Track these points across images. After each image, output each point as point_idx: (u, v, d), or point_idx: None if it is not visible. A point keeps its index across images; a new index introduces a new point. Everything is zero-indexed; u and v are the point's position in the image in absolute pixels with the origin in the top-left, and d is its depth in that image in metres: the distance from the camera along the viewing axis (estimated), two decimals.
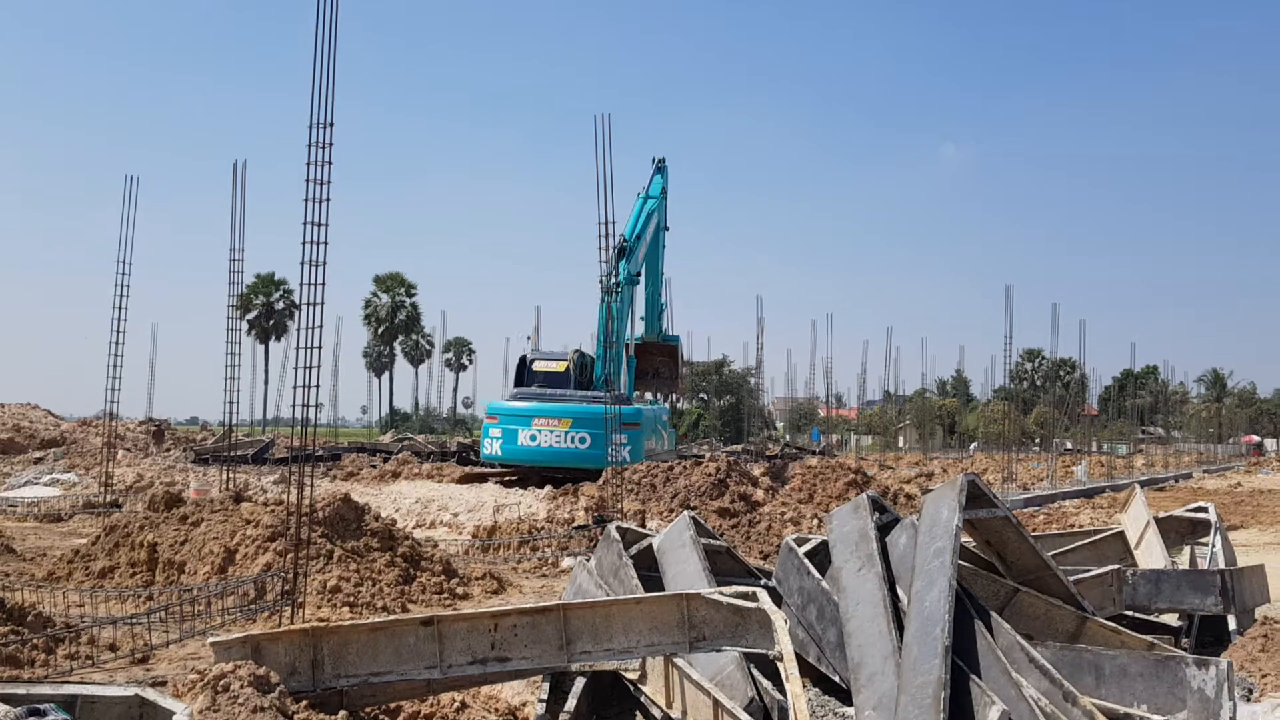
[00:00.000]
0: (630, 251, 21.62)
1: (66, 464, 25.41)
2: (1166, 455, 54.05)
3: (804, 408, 76.87)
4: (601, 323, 21.39)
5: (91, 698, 3.12)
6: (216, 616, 8.52)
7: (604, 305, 21.35)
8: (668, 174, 24.26)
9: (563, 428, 19.16)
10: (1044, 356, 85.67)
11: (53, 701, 2.89)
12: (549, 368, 21.31)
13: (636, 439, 19.19)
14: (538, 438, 19.28)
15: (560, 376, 20.92)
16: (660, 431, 21.45)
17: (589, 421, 19.16)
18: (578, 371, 21.05)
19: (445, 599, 9.75)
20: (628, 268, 21.51)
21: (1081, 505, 23.23)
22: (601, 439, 18.80)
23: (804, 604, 6.92)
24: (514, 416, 19.83)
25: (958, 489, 6.27)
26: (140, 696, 3.19)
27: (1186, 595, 7.55)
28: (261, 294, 76.04)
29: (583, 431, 19.13)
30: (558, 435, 19.15)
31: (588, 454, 19.07)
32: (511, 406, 20.63)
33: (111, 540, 10.70)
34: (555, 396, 20.20)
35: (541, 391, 20.55)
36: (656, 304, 24.08)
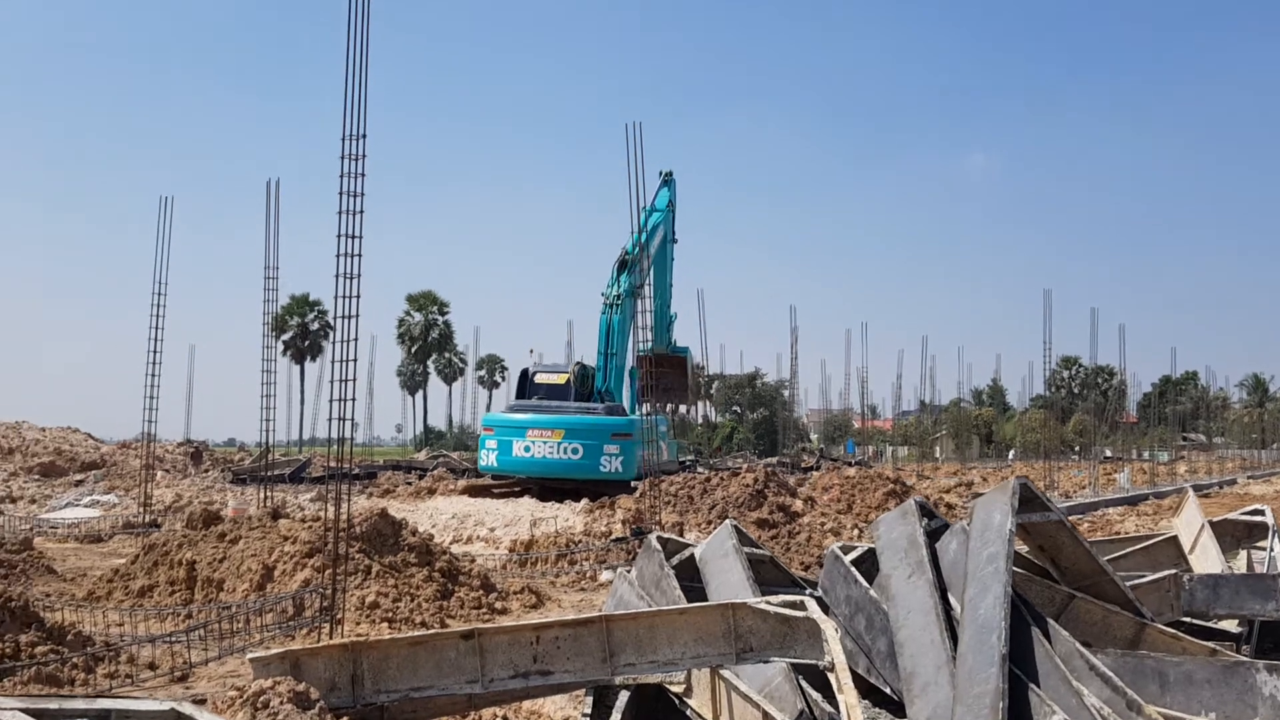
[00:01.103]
0: (632, 264, 21.76)
1: (106, 486, 25.62)
2: (1209, 462, 53.18)
3: (838, 419, 76.40)
4: (602, 335, 21.55)
5: (126, 712, 3.04)
6: (255, 633, 8.47)
7: (604, 318, 21.43)
8: (675, 187, 24.28)
9: (556, 438, 19.34)
10: (1081, 364, 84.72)
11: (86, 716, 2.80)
12: (550, 380, 21.52)
13: (629, 449, 19.35)
14: (532, 448, 19.45)
15: (561, 389, 21.11)
16: (658, 442, 21.50)
17: (581, 432, 19.37)
18: (578, 383, 21.20)
19: (484, 614, 9.65)
20: (629, 280, 21.65)
21: (1126, 513, 22.82)
22: (594, 449, 19.09)
23: (851, 613, 6.75)
24: (509, 428, 20.05)
25: (1010, 492, 6.10)
26: (176, 711, 3.10)
27: (1246, 600, 7.30)
28: (296, 315, 76.63)
29: (575, 442, 19.29)
30: (551, 446, 19.32)
31: (580, 464, 19.28)
32: (507, 418, 20.87)
33: (150, 559, 10.70)
34: (549, 408, 20.43)
35: (536, 404, 20.78)
36: (665, 316, 24.06)
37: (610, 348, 21.44)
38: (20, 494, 23.76)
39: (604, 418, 19.67)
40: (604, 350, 21.55)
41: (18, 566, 11.83)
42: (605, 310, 21.61)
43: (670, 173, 24.09)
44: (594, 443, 19.14)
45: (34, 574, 11.77)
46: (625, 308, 21.50)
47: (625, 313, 21.53)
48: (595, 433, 19.28)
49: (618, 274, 21.69)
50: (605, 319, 21.61)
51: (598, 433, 19.28)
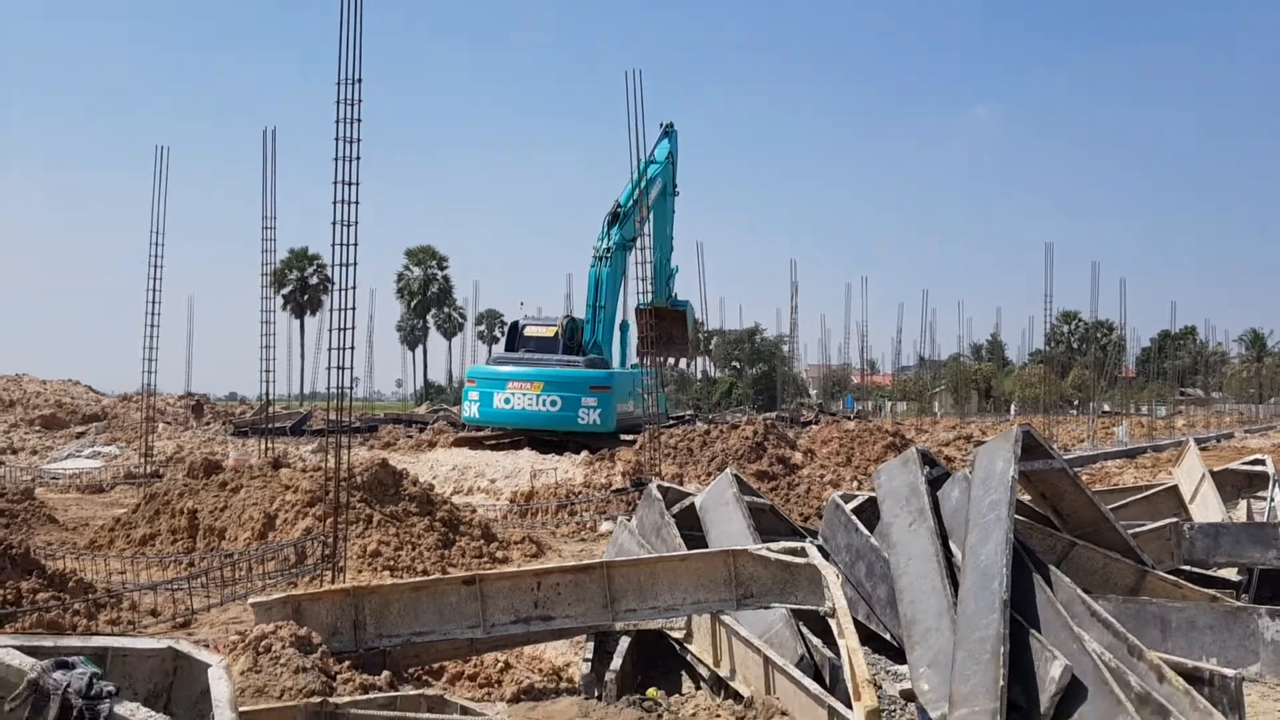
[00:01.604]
0: (624, 217, 21.73)
1: (108, 438, 25.64)
2: (1207, 416, 53.28)
3: (838, 374, 76.38)
4: (591, 288, 21.59)
5: (123, 650, 3.02)
6: (257, 581, 8.49)
7: (593, 271, 21.38)
8: (676, 139, 24.04)
9: (535, 391, 19.50)
10: (1080, 319, 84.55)
11: (82, 654, 2.78)
12: (539, 333, 21.59)
13: (607, 402, 19.50)
14: (512, 400, 19.61)
15: (550, 341, 21.18)
16: (641, 395, 21.55)
17: (560, 385, 19.52)
18: (567, 337, 21.25)
19: (485, 563, 9.67)
20: (620, 233, 21.64)
21: (1124, 465, 22.88)
22: (573, 402, 19.24)
23: (852, 561, 6.76)
24: (491, 380, 20.20)
25: (1013, 440, 6.07)
26: (174, 649, 3.08)
27: (1246, 548, 7.32)
28: (295, 268, 76.28)
29: (554, 395, 19.44)
30: (530, 398, 19.48)
31: (559, 416, 19.44)
32: (489, 370, 21.05)
33: (152, 508, 10.71)
34: (530, 361, 20.57)
35: (518, 356, 20.90)
36: (665, 269, 23.94)
37: (599, 301, 21.47)
38: (21, 445, 23.78)
39: (582, 370, 19.78)
40: (592, 303, 21.61)
41: (19, 516, 11.83)
42: (595, 263, 21.61)
43: (671, 124, 23.85)
44: (572, 395, 19.33)
45: (36, 523, 11.78)
46: (615, 261, 21.48)
47: (615, 266, 21.52)
48: (573, 385, 19.44)
49: (609, 227, 21.66)
50: (594, 272, 21.62)
51: (576, 385, 19.43)
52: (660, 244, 23.61)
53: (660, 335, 24.04)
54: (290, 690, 4.70)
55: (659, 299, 23.90)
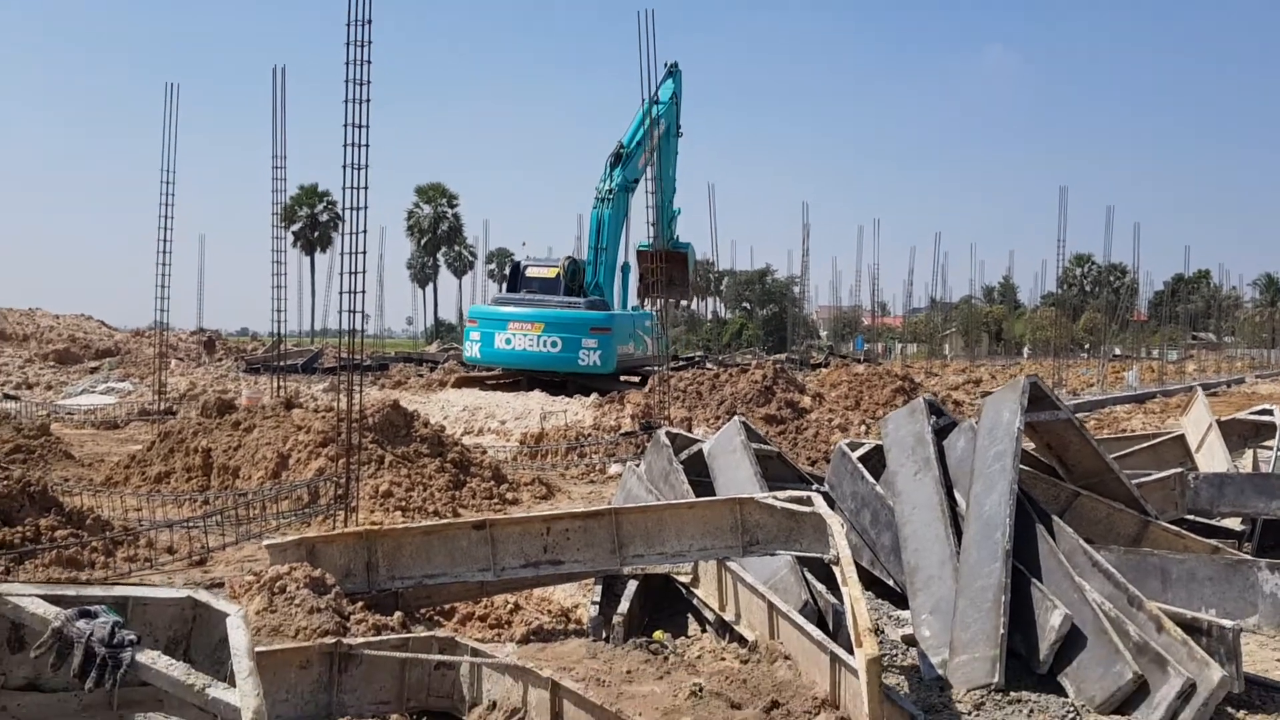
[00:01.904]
0: (628, 158, 21.68)
1: (121, 373, 25.84)
2: (1218, 361, 53.14)
3: (848, 316, 76.19)
4: (593, 230, 21.61)
5: (143, 599, 3.09)
6: (271, 520, 8.62)
7: (596, 212, 21.34)
8: (680, 79, 23.82)
9: (536, 331, 19.57)
10: (1093, 262, 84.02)
11: (104, 603, 2.86)
12: (541, 274, 21.55)
13: (607, 343, 19.57)
14: (513, 341, 19.69)
15: (551, 282, 21.19)
16: (641, 337, 21.59)
17: (560, 326, 19.58)
18: (568, 278, 21.26)
19: (495, 504, 9.79)
20: (623, 174, 21.59)
21: (1133, 410, 22.92)
22: (573, 343, 19.27)
23: (858, 509, 6.84)
24: (492, 320, 20.25)
25: (1019, 390, 6.11)
26: (193, 598, 3.16)
27: (1251, 499, 7.37)
28: (305, 205, 76.05)
29: (554, 335, 19.48)
30: (531, 339, 19.56)
31: (559, 357, 19.51)
32: (491, 310, 21.08)
33: (166, 446, 10.84)
34: (532, 302, 20.61)
35: (519, 297, 20.93)
36: (667, 211, 23.81)
37: (601, 242, 21.50)
38: (36, 380, 23.99)
39: (583, 312, 19.87)
40: (594, 245, 21.65)
41: (36, 451, 11.99)
42: (597, 205, 21.59)
43: (675, 64, 23.62)
44: (573, 336, 19.39)
45: (52, 459, 11.95)
46: (617, 202, 21.46)
47: (617, 207, 21.51)
48: (574, 326, 19.53)
49: (611, 168, 21.61)
50: (596, 214, 21.62)
51: (576, 326, 19.53)
52: (663, 186, 23.53)
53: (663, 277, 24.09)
54: (305, 630, 4.81)
55: (662, 241, 23.92)
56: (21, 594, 2.80)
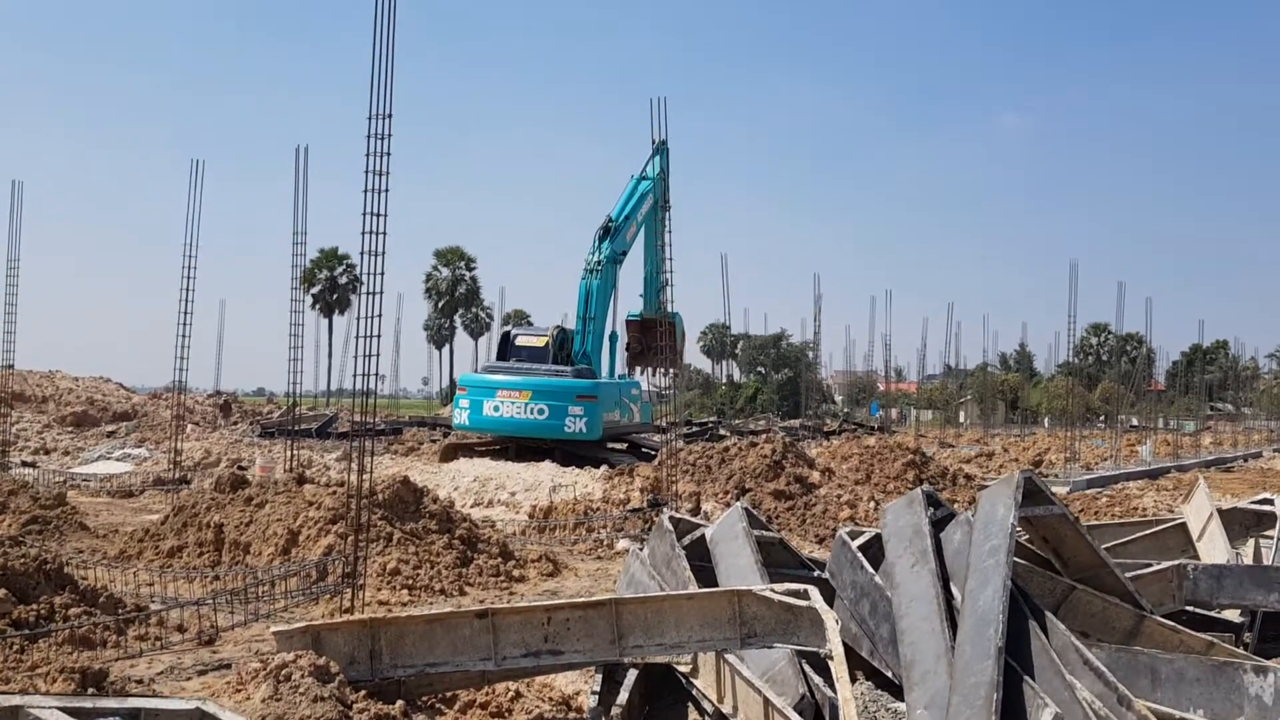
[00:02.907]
0: (616, 231, 22.19)
1: (138, 438, 26.11)
2: (1235, 433, 52.86)
3: (863, 381, 76.20)
4: (581, 300, 22.06)
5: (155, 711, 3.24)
6: (280, 598, 8.74)
7: (584, 283, 21.76)
8: (667, 156, 24.43)
9: (523, 399, 19.97)
10: (1110, 331, 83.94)
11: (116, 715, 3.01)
12: (530, 342, 22.02)
13: (593, 411, 19.92)
14: (501, 408, 20.09)
15: (540, 351, 21.64)
16: (628, 405, 21.86)
17: (547, 393, 19.97)
18: (557, 347, 21.68)
19: (501, 582, 9.89)
20: (611, 246, 22.08)
21: (1146, 487, 22.82)
22: (559, 410, 19.69)
23: (857, 598, 6.91)
24: (481, 388, 20.68)
25: (1014, 486, 6.21)
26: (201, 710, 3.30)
27: (1249, 591, 7.40)
28: (325, 268, 77.02)
29: (541, 403, 19.89)
30: (519, 406, 19.95)
31: (546, 424, 19.90)
32: (480, 378, 21.55)
33: (180, 520, 11.00)
34: (519, 370, 21.01)
35: (508, 365, 21.37)
36: (655, 281, 24.21)
37: (589, 312, 21.93)
38: (54, 445, 24.28)
39: (569, 380, 20.22)
40: (583, 315, 22.08)
41: (52, 522, 12.17)
42: (585, 275, 22.08)
43: (664, 141, 24.25)
44: (559, 404, 19.79)
45: (68, 530, 12.11)
46: (605, 273, 21.94)
47: (605, 278, 21.99)
48: (560, 394, 19.90)
49: (600, 240, 22.10)
50: (585, 284, 22.08)
51: (563, 394, 19.89)
52: (650, 257, 24.01)
53: (649, 346, 24.45)
54: (309, 719, 4.93)
55: (648, 310, 24.30)
56: (41, 705, 2.95)
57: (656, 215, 23.81)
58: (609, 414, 20.58)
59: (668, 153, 24.42)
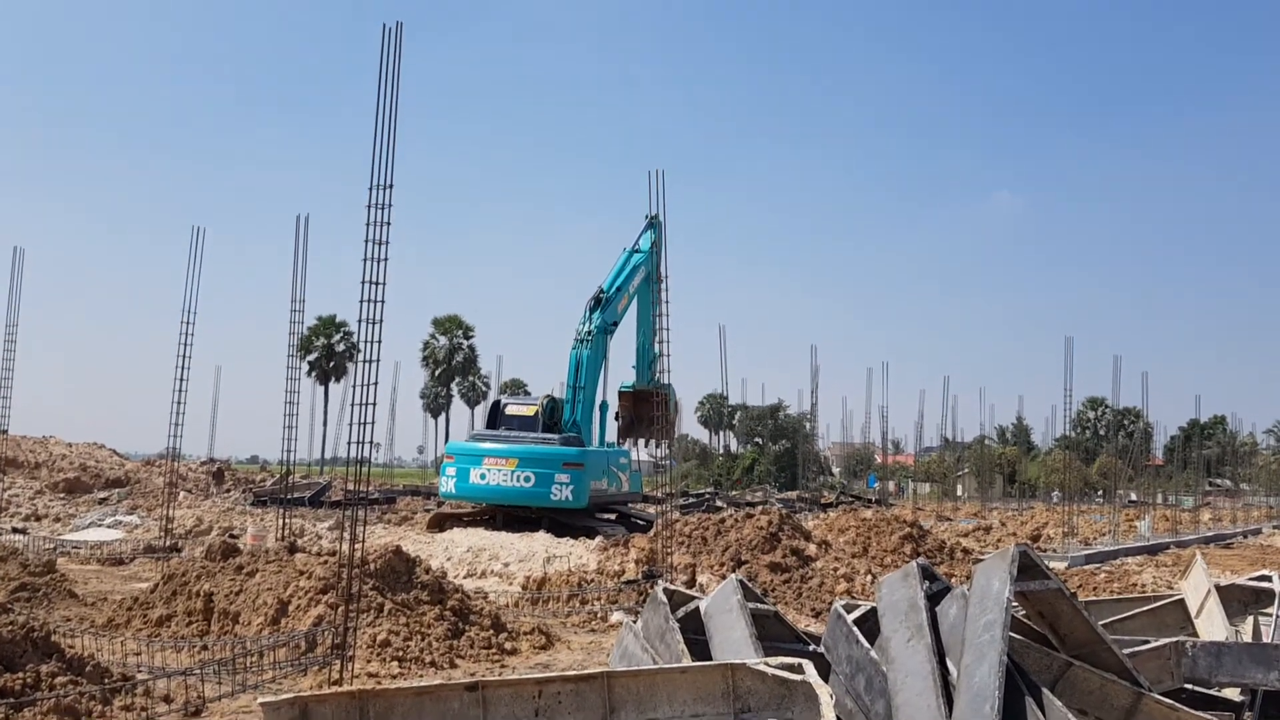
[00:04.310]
0: (607, 302, 22.42)
1: (129, 505, 25.96)
2: (1235, 509, 52.57)
3: (860, 453, 76.08)
4: (571, 370, 22.25)
5: None
6: (268, 669, 8.62)
7: (574, 353, 21.90)
8: (660, 230, 24.74)
9: (510, 467, 20.02)
10: (1107, 405, 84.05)
11: None
12: (520, 412, 22.18)
13: (579, 479, 19.91)
14: (487, 476, 20.12)
15: (530, 420, 21.73)
16: (616, 474, 21.82)
17: (533, 461, 20.00)
18: (547, 416, 21.72)
19: (493, 654, 9.77)
20: (601, 317, 22.28)
21: (1145, 563, 22.69)
22: (546, 478, 19.71)
23: (853, 673, 6.83)
24: (468, 456, 20.76)
25: (1009, 560, 6.18)
26: None
27: (1249, 669, 7.32)
28: (322, 335, 77.27)
29: (528, 470, 19.92)
30: (505, 474, 19.98)
31: (532, 492, 19.89)
32: (467, 446, 21.68)
33: (169, 589, 10.90)
34: (507, 438, 21.07)
35: (495, 433, 21.48)
36: (648, 353, 24.40)
37: (578, 382, 22.03)
38: (46, 511, 24.12)
39: (555, 448, 20.24)
40: (572, 384, 22.21)
41: (40, 590, 12.06)
42: (576, 345, 22.25)
43: (656, 216, 24.62)
44: (546, 472, 19.81)
45: (56, 598, 12.00)
46: (595, 344, 22.12)
47: (595, 349, 22.14)
48: (546, 462, 19.94)
49: (590, 311, 22.26)
50: (575, 354, 22.24)
51: (549, 462, 19.92)
52: (643, 329, 24.21)
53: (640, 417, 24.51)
54: None
55: (640, 381, 24.40)
56: None
57: (650, 288, 24.08)
58: (597, 482, 20.57)
59: (660, 227, 24.77)
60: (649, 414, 24.21)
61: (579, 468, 19.92)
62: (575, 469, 19.87)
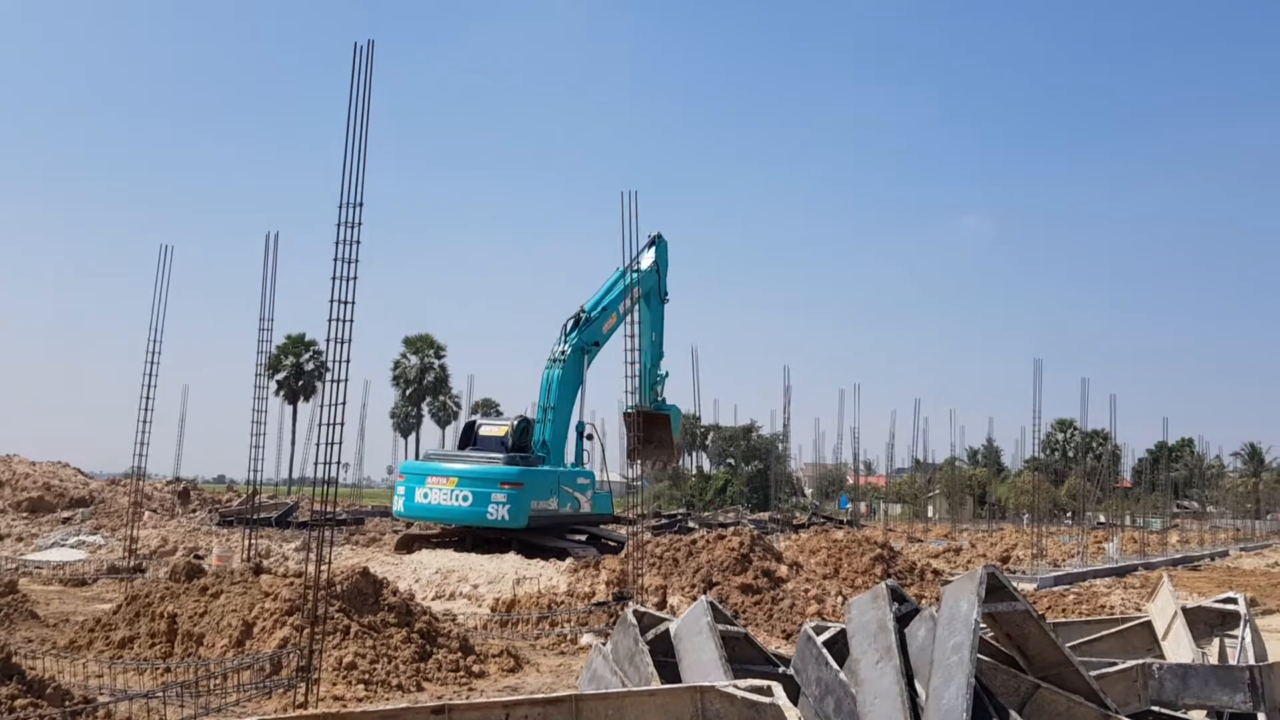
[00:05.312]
0: (587, 322, 22.39)
1: (93, 525, 25.58)
2: (1202, 531, 53.04)
3: (832, 474, 76.21)
4: (542, 390, 22.22)
5: None
6: (232, 692, 8.50)
7: (547, 373, 21.86)
8: (665, 249, 24.75)
9: (450, 486, 20.01)
10: (1075, 427, 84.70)
11: None
12: (492, 432, 22.05)
13: (517, 498, 19.77)
14: (430, 495, 20.13)
15: (500, 440, 21.59)
16: (571, 494, 21.59)
17: (471, 480, 19.95)
18: (516, 436, 21.62)
19: (461, 677, 9.68)
20: (580, 337, 22.24)
21: (1113, 585, 22.81)
22: (483, 497, 19.65)
23: (822, 695, 6.81)
24: (416, 475, 20.74)
25: (977, 582, 6.19)
26: None
27: (1214, 691, 7.36)
28: (291, 354, 76.76)
29: (466, 489, 19.90)
30: (446, 493, 19.99)
31: (469, 511, 19.86)
32: (415, 465, 21.75)
33: (133, 610, 10.74)
34: (454, 457, 21.06)
35: (444, 452, 21.83)
36: (650, 374, 24.35)
37: (549, 401, 21.98)
38: (8, 531, 23.74)
39: (494, 467, 20.13)
40: (544, 404, 22.17)
41: (1, 610, 11.85)
42: (549, 365, 22.21)
43: (659, 234, 24.67)
44: (483, 491, 19.74)
45: (17, 619, 11.79)
46: (569, 363, 22.03)
47: (569, 369, 22.04)
48: (484, 481, 19.88)
49: (567, 331, 22.15)
50: (548, 373, 22.22)
51: (486, 481, 19.87)
52: (649, 350, 24.12)
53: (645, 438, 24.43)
54: None
55: (643, 403, 24.31)
56: None
57: (653, 308, 24.08)
58: (542, 502, 20.33)
59: (665, 245, 24.77)
60: (659, 435, 24.25)
61: (517, 487, 19.78)
62: (513, 488, 19.72)
